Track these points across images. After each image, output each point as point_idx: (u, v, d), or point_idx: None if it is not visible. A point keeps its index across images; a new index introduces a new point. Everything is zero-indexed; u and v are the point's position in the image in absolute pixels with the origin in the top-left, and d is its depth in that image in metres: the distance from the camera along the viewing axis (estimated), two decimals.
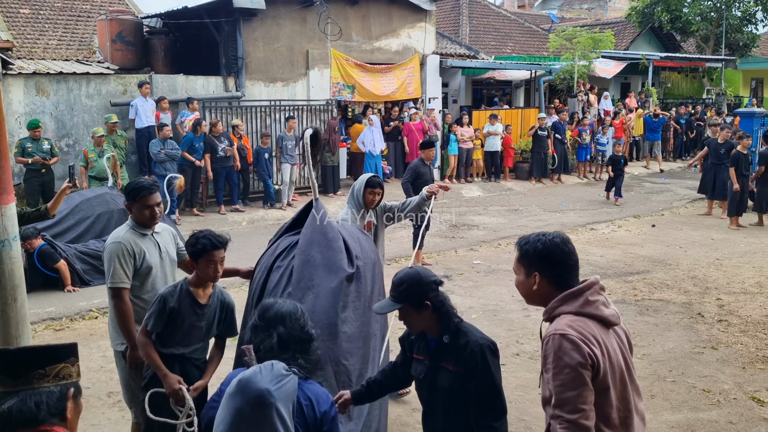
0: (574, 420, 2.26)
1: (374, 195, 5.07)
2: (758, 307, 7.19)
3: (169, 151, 11.09)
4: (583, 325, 2.36)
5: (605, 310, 2.44)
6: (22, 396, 1.91)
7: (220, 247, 3.53)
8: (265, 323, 2.53)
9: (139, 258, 3.77)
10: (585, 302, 2.42)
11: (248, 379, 2.31)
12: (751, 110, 15.80)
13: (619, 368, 2.42)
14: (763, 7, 24.98)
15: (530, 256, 2.51)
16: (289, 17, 13.65)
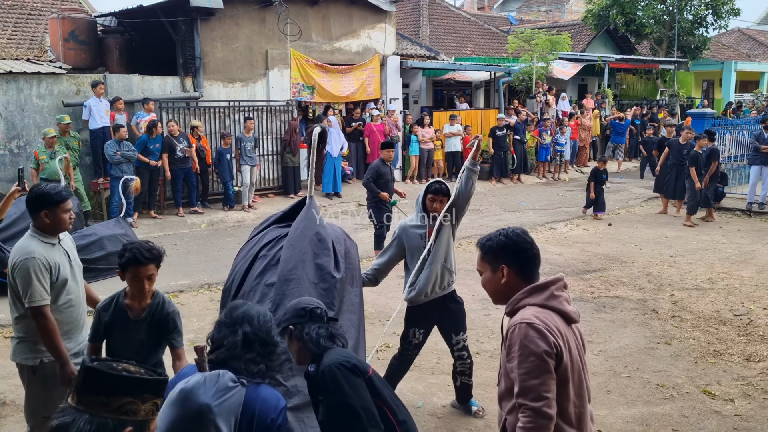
0: (538, 408, 2.30)
1: (435, 202, 4.68)
2: (709, 303, 7.39)
3: (125, 153, 10.86)
4: (548, 317, 2.41)
5: (568, 306, 2.51)
6: (76, 417, 1.81)
7: (145, 262, 3.33)
8: (232, 321, 2.51)
9: (55, 271, 3.56)
10: (550, 296, 2.47)
11: (189, 391, 2.26)
12: (702, 111, 16.24)
13: (577, 364, 2.48)
14: (713, 11, 25.72)
15: (495, 250, 2.54)
16: (248, 17, 13.51)
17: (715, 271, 8.72)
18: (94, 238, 8.49)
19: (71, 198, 3.69)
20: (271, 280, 3.56)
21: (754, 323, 6.71)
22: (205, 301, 7.65)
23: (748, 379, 5.45)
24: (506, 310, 2.55)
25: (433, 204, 4.66)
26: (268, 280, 3.58)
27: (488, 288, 2.60)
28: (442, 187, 4.68)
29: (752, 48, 35.11)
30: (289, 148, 13.64)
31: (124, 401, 1.82)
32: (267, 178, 13.94)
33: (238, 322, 2.49)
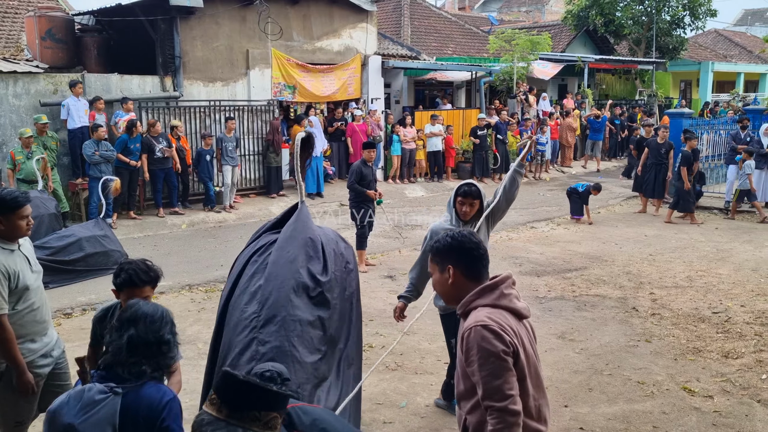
0: (504, 407, 2.35)
1: (465, 206, 4.39)
2: (688, 301, 7.48)
3: (104, 153, 10.73)
4: (501, 317, 2.47)
5: (518, 303, 2.57)
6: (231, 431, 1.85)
7: (141, 285, 3.26)
8: (120, 324, 2.51)
9: (14, 279, 3.48)
10: (500, 295, 2.53)
11: (54, 411, 2.29)
12: (680, 111, 16.43)
13: (533, 359, 2.56)
14: (690, 12, 26.06)
15: (442, 252, 2.62)
16: (228, 16, 13.42)
17: (694, 269, 8.83)
18: (72, 239, 8.38)
19: (29, 203, 3.57)
20: (258, 283, 3.55)
21: (731, 320, 6.80)
22: (186, 303, 7.58)
23: (727, 375, 5.52)
24: (458, 312, 2.60)
25: (463, 207, 4.40)
26: (255, 284, 3.57)
27: (438, 289, 2.67)
28: (472, 189, 4.40)
29: (728, 49, 35.64)
30: (272, 147, 13.58)
31: (271, 416, 1.90)
32: (248, 179, 13.87)
33: (124, 326, 2.48)
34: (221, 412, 1.87)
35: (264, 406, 1.89)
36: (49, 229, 8.73)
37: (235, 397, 1.87)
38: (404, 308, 4.73)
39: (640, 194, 13.49)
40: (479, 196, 4.37)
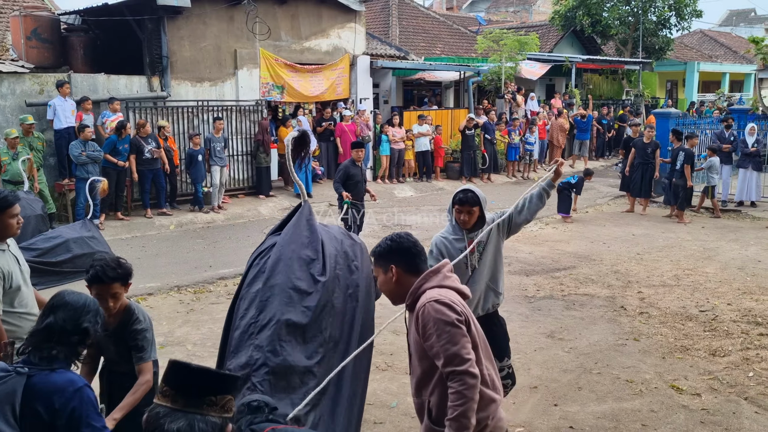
0: (464, 369, 2.55)
1: (463, 214, 4.06)
2: (676, 299, 7.54)
3: (91, 153, 10.65)
4: (448, 294, 2.70)
5: (460, 285, 2.82)
6: (190, 419, 1.84)
7: (108, 281, 3.27)
8: (45, 310, 2.59)
9: (8, 279, 3.53)
10: (444, 277, 2.77)
11: None
12: (666, 111, 16.55)
13: (481, 333, 2.82)
14: (676, 13, 26.26)
15: (384, 254, 2.82)
16: (216, 16, 13.37)
17: (681, 268, 8.90)
18: (59, 240, 8.29)
19: (18, 202, 3.62)
20: (257, 287, 3.58)
21: (718, 319, 6.86)
22: (175, 304, 7.55)
23: (714, 373, 5.57)
24: (407, 303, 2.80)
25: (461, 216, 4.07)
26: (254, 288, 3.60)
27: (385, 289, 2.85)
28: (469, 196, 4.04)
29: (714, 49, 35.94)
30: (262, 148, 13.55)
31: (226, 399, 1.92)
32: (237, 179, 13.81)
33: (46, 312, 2.57)
34: (176, 402, 1.86)
35: (219, 391, 1.90)
36: (36, 231, 8.64)
37: (189, 385, 1.88)
38: None
39: (628, 193, 13.59)
40: (477, 202, 4.03)
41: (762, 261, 9.22)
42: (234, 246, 10.31)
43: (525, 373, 5.52)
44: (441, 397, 2.64)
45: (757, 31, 41.58)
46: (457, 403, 2.53)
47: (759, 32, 38.67)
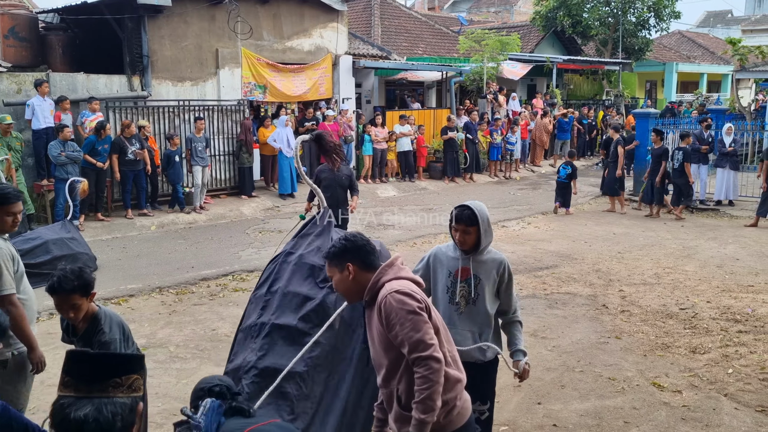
0: (429, 354, 2.65)
1: (459, 233, 3.56)
2: (656, 297, 7.62)
3: (71, 154, 10.53)
4: (406, 284, 2.79)
5: (413, 275, 2.92)
6: (97, 404, 1.80)
7: (62, 293, 3.24)
8: None
9: (17, 262, 3.79)
10: (399, 269, 2.86)
11: None
12: (646, 111, 16.73)
13: (440, 318, 2.92)
14: (655, 14, 26.56)
15: (339, 253, 2.86)
16: (197, 15, 13.27)
17: (661, 266, 9.00)
18: (39, 241, 8.19)
19: (19, 201, 3.79)
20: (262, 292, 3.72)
21: (698, 316, 6.95)
22: (157, 305, 7.48)
23: (695, 370, 5.64)
24: (366, 299, 2.86)
25: (457, 234, 3.58)
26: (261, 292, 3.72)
27: (341, 288, 2.90)
28: (464, 213, 3.54)
29: (692, 50, 36.39)
30: (245, 148, 13.47)
31: (133, 378, 1.88)
32: (219, 179, 13.73)
33: None
34: (80, 390, 1.83)
35: (122, 371, 1.86)
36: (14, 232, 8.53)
37: (91, 371, 1.84)
38: None
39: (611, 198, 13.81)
40: (475, 222, 3.50)
41: (740, 259, 9.36)
42: (216, 247, 10.25)
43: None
44: (409, 383, 2.74)
45: (734, 32, 42.22)
46: (423, 387, 2.65)
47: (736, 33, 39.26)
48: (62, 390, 1.84)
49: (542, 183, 17.03)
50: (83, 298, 3.31)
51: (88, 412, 1.77)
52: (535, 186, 16.60)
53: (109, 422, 1.78)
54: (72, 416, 1.77)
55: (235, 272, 8.78)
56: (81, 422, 1.76)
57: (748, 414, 4.89)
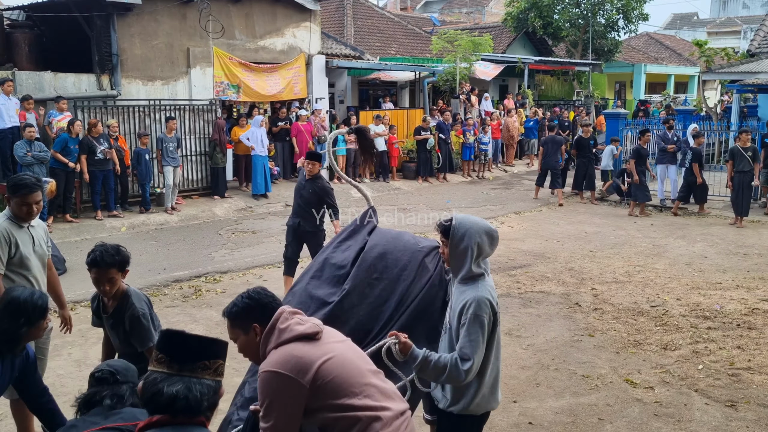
0: None
1: (442, 245, 3.28)
2: (628, 295, 7.74)
3: (37, 154, 10.29)
4: (285, 353, 2.48)
5: (300, 327, 2.57)
6: (187, 382, 1.94)
7: (104, 266, 3.59)
8: None
9: (14, 247, 4.06)
10: (279, 333, 2.55)
11: None
12: (616, 111, 16.99)
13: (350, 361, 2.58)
14: (624, 16, 26.98)
15: (243, 314, 2.60)
16: (168, 13, 13.10)
17: (632, 264, 9.14)
18: None
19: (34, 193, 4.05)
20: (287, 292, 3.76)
21: (669, 313, 7.07)
22: None
23: (666, 367, 5.74)
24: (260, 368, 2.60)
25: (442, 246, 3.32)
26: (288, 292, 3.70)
27: (247, 352, 2.65)
28: (443, 224, 3.24)
29: (659, 51, 37.02)
30: (218, 147, 13.33)
31: (218, 363, 2.03)
32: (191, 180, 13.57)
33: None
34: (172, 368, 1.96)
35: (211, 355, 2.02)
36: None
37: (183, 351, 1.99)
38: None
39: (580, 192, 14.00)
40: (447, 233, 3.16)
41: (708, 257, 9.55)
42: (188, 248, 10.13)
43: None
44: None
45: (700, 34, 43.06)
46: None
47: (701, 35, 40.04)
48: (154, 365, 2.00)
49: (515, 183, 17.17)
50: (119, 273, 3.64)
51: (180, 388, 1.93)
52: (507, 186, 16.73)
53: (197, 400, 1.94)
54: (165, 390, 1.92)
55: (209, 273, 8.69)
56: (173, 397, 1.91)
57: (718, 409, 4.99)
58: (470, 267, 3.10)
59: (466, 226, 3.14)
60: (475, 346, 2.99)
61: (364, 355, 2.73)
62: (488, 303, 3.05)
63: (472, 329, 3.00)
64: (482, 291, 3.07)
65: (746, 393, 5.24)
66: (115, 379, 2.61)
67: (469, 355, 2.97)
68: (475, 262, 3.11)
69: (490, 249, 3.17)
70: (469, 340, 2.99)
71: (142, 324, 3.66)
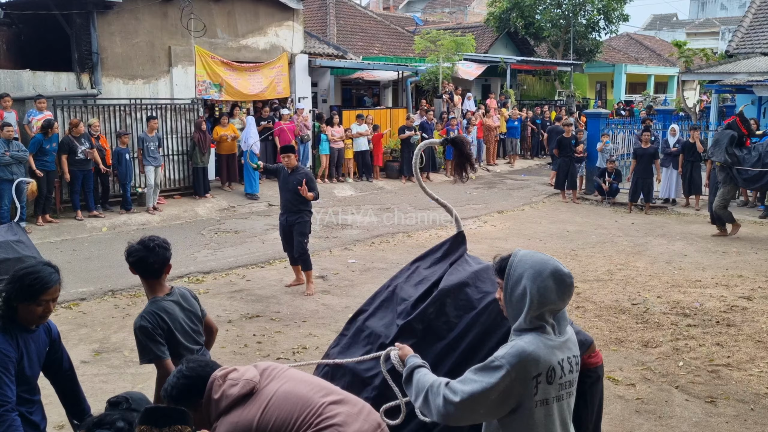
0: None
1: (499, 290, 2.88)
2: (610, 293, 7.81)
3: (15, 153, 10.15)
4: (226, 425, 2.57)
5: (233, 390, 2.62)
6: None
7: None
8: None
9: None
10: (215, 404, 2.61)
11: None
12: (597, 111, 17.14)
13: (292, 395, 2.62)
14: (605, 16, 27.23)
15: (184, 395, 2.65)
16: (149, 11, 12.98)
17: (613, 263, 9.22)
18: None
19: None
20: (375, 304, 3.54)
21: (650, 311, 7.14)
22: (110, 309, 7.30)
23: (647, 364, 5.80)
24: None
25: None
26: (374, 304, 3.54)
27: (205, 426, 2.68)
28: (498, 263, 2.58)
29: (640, 52, 37.40)
30: (198, 147, 13.23)
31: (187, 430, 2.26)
32: (172, 179, 13.47)
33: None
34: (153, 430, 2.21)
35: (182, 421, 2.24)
36: None
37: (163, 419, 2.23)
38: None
39: (562, 191, 14.09)
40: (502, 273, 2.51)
41: (688, 255, 9.67)
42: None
43: None
44: None
45: (679, 35, 43.57)
46: None
47: (680, 36, 40.52)
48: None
49: (497, 182, 17.25)
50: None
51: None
52: (490, 185, 16.80)
53: None
54: None
55: (191, 274, 8.63)
56: None
57: (698, 405, 5.06)
58: (526, 319, 2.38)
59: (525, 266, 2.42)
60: (473, 388, 2.29)
61: (310, 380, 2.74)
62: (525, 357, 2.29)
63: (485, 371, 2.32)
64: (530, 343, 2.32)
65: (725, 389, 5.31)
66: (128, 405, 2.69)
67: (460, 392, 2.31)
68: (534, 312, 2.36)
69: (557, 298, 2.37)
70: (472, 378, 2.33)
71: (139, 341, 3.39)
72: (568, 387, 2.41)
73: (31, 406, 3.12)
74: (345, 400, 2.68)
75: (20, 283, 3.00)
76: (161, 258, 3.52)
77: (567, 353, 2.40)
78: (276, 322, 6.90)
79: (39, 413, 3.18)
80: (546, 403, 2.34)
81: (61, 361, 3.36)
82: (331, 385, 2.76)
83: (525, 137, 21.19)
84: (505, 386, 2.27)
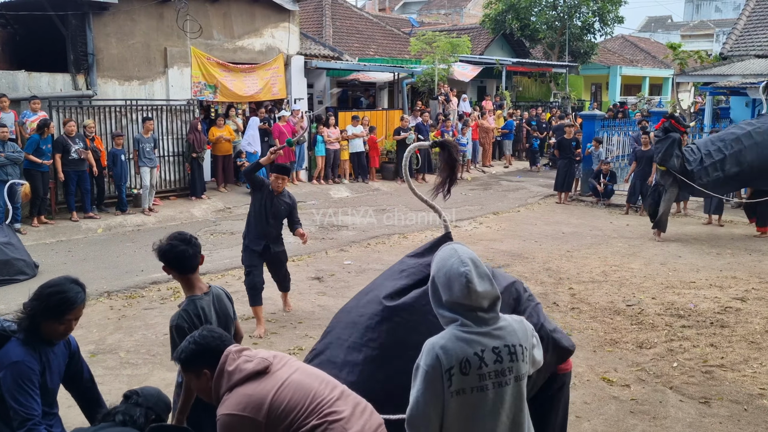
0: None
1: None
2: (604, 295, 7.84)
3: (10, 155, 10.13)
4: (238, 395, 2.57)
5: (249, 366, 2.64)
6: None
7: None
8: None
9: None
10: (228, 376, 2.62)
11: None
12: (592, 113, 17.19)
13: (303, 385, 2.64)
14: (600, 18, 27.32)
15: (191, 359, 2.68)
16: (145, 12, 12.98)
17: (608, 264, 9.26)
18: None
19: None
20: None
21: (644, 312, 7.18)
22: (105, 310, 7.29)
23: (642, 365, 5.83)
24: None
25: None
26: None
27: (203, 394, 2.73)
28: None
29: (634, 54, 37.51)
30: (193, 148, 13.22)
31: None
32: (168, 180, 13.46)
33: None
34: None
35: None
36: None
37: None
38: None
39: (559, 193, 14.15)
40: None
41: (682, 256, 9.71)
42: None
43: None
44: None
45: (674, 36, 43.70)
46: None
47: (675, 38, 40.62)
48: None
49: (493, 183, 17.29)
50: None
51: None
52: (486, 186, 16.84)
53: None
54: None
55: None
56: None
57: (692, 405, 5.09)
58: (437, 311, 2.49)
59: (435, 262, 2.54)
60: (412, 397, 2.42)
61: (319, 374, 2.77)
62: (434, 354, 2.36)
63: (414, 378, 2.43)
64: (441, 337, 2.40)
65: (719, 390, 5.35)
66: (136, 400, 2.77)
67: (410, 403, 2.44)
68: (441, 307, 2.45)
69: (460, 294, 2.38)
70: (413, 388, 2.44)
71: (172, 335, 3.49)
72: (501, 376, 2.38)
73: (51, 419, 3.14)
74: (351, 398, 2.73)
75: (46, 302, 2.99)
76: (199, 250, 3.59)
77: (495, 342, 2.39)
78: (272, 323, 6.91)
79: (58, 426, 3.22)
80: (462, 393, 2.35)
81: (82, 372, 3.39)
82: (338, 382, 2.78)
83: (520, 139, 21.24)
84: (429, 384, 2.36)
